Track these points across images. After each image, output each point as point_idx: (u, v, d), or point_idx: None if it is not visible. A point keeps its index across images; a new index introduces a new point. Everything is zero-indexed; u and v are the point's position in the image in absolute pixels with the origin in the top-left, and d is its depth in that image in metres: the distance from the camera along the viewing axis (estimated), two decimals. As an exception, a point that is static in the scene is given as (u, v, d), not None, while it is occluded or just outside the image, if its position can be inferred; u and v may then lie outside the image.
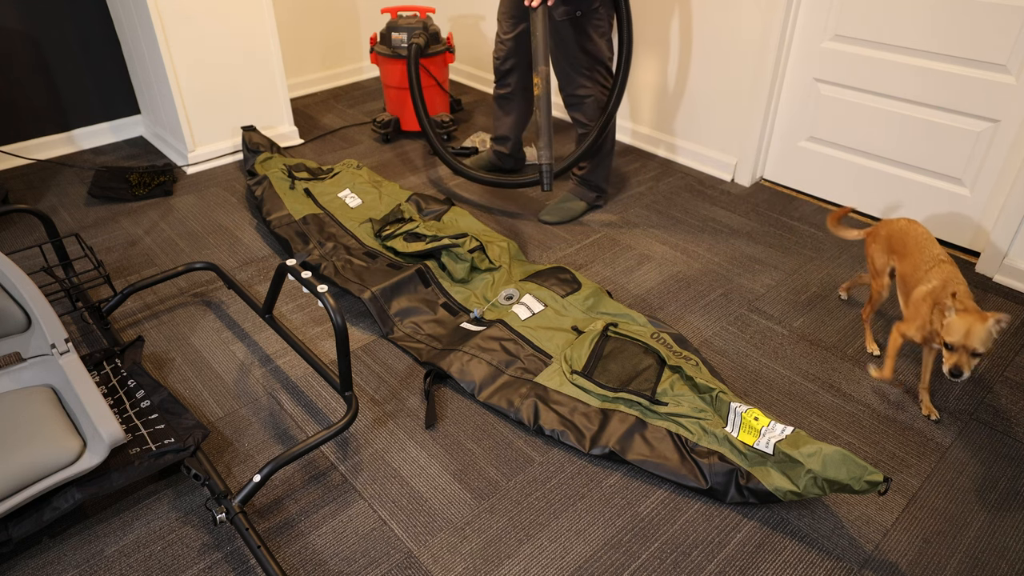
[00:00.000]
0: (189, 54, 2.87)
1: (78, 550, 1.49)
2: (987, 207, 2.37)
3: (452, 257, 2.26)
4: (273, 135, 3.26)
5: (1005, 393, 1.89)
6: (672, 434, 1.69)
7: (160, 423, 1.65)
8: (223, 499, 1.48)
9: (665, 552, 1.49)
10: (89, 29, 3.10)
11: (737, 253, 2.50)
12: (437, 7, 3.98)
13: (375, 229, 2.46)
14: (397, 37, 3.15)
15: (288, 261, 1.72)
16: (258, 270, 2.41)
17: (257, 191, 2.71)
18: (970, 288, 2.17)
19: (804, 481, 1.49)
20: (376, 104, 3.81)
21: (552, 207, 2.71)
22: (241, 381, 1.94)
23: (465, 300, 2.20)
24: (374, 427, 1.79)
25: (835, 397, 1.88)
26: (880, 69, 2.46)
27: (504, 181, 2.66)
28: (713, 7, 2.76)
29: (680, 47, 2.94)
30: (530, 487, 1.63)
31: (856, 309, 2.21)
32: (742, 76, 2.79)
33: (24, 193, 2.89)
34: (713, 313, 2.20)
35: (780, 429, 1.60)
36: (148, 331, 2.12)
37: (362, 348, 2.05)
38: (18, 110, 3.04)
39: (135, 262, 2.46)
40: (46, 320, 1.70)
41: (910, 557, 1.48)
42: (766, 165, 2.95)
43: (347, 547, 1.50)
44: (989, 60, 2.21)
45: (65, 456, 1.46)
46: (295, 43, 3.80)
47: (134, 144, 3.34)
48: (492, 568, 1.45)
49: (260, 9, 2.99)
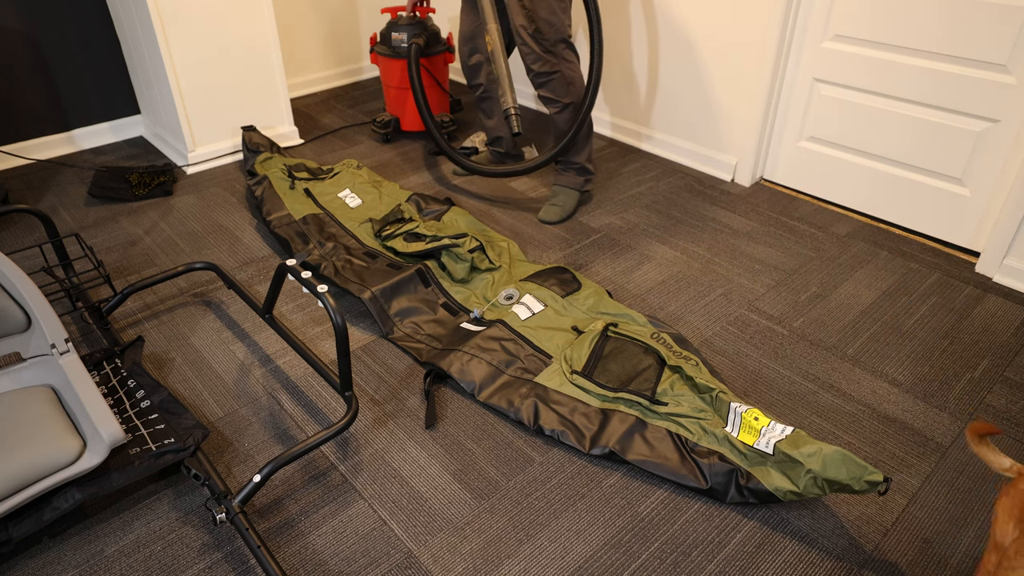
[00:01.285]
0: (189, 54, 2.87)
1: (78, 550, 1.49)
2: (987, 207, 2.37)
3: (452, 257, 2.26)
4: (273, 135, 3.26)
5: (1005, 393, 1.89)
6: (672, 434, 1.69)
7: (160, 423, 1.65)
8: (223, 499, 1.48)
9: (665, 552, 1.49)
10: (89, 29, 3.10)
11: (737, 253, 2.50)
12: (437, 7, 3.98)
13: (375, 229, 2.46)
14: (397, 37, 3.15)
15: (288, 261, 1.72)
16: (258, 270, 2.41)
17: (257, 191, 2.71)
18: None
19: (804, 481, 1.49)
20: (376, 104, 3.81)
21: (547, 207, 2.71)
22: (241, 381, 1.94)
23: (465, 300, 2.20)
24: (374, 427, 1.79)
25: (835, 397, 1.88)
26: (880, 69, 2.46)
27: (509, 170, 2.68)
28: (713, 7, 2.76)
29: (680, 47, 2.94)
30: (530, 487, 1.63)
31: (857, 304, 2.21)
32: (742, 76, 2.79)
33: (24, 193, 2.89)
34: (713, 313, 2.20)
35: (780, 429, 1.60)
36: (148, 331, 2.12)
37: (362, 348, 2.05)
38: (18, 110, 3.04)
39: (135, 262, 2.46)
40: (46, 320, 1.70)
41: (910, 557, 1.48)
42: (766, 165, 2.95)
43: (347, 547, 1.50)
44: (989, 60, 2.21)
45: (65, 456, 1.46)
46: (295, 43, 3.80)
47: (134, 144, 3.34)
48: (492, 568, 1.45)
49: (260, 9, 2.99)
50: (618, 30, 3.13)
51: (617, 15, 3.10)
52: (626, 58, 3.17)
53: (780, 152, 2.89)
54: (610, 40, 3.19)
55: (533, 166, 2.65)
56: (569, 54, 2.53)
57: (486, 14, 2.29)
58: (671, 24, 2.92)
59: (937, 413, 1.83)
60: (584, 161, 2.72)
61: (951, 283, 2.32)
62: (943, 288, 2.30)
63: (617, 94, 3.31)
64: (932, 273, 2.37)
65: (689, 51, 2.91)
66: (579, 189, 2.74)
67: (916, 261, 2.44)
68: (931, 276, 2.36)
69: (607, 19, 3.15)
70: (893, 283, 2.33)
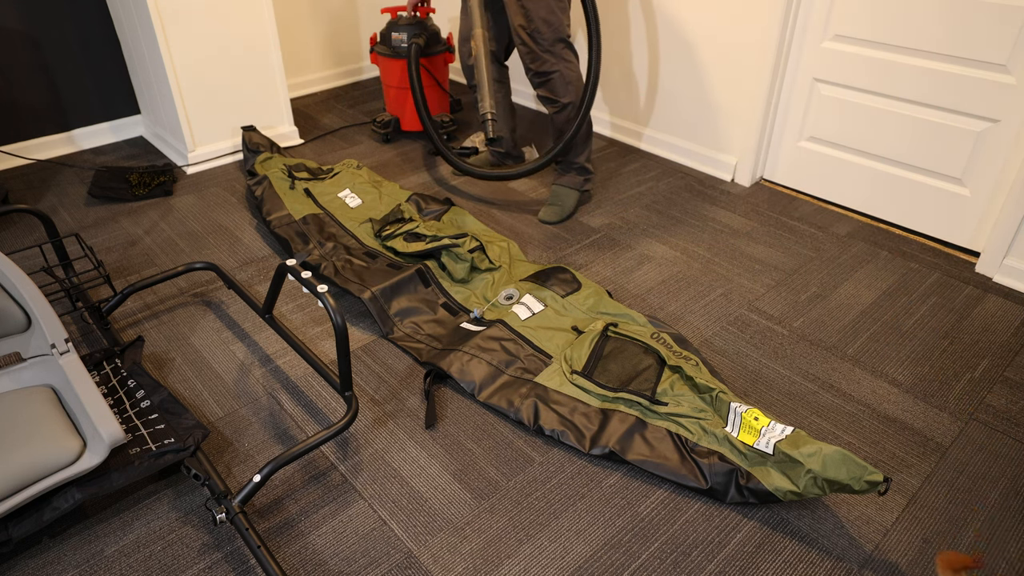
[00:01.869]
0: (189, 54, 2.87)
1: (78, 550, 1.49)
2: (987, 207, 2.37)
3: (452, 257, 2.26)
4: (273, 135, 3.26)
5: (1005, 393, 1.89)
6: (672, 434, 1.69)
7: (160, 423, 1.65)
8: (223, 499, 1.48)
9: (665, 552, 1.49)
10: (89, 29, 3.10)
11: (737, 253, 2.49)
12: (437, 7, 3.98)
13: (375, 229, 2.46)
14: (397, 37, 3.15)
15: (288, 261, 1.72)
16: (258, 270, 2.41)
17: (257, 191, 2.71)
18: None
19: (804, 481, 1.49)
20: (376, 104, 3.81)
21: (547, 207, 2.72)
22: (241, 381, 1.94)
23: (465, 300, 2.20)
24: (374, 427, 1.79)
25: (835, 397, 1.88)
26: (880, 69, 2.46)
27: (505, 173, 2.70)
28: (713, 7, 2.76)
29: (680, 47, 2.94)
30: (530, 487, 1.63)
31: (857, 304, 2.21)
32: (742, 76, 2.79)
33: (24, 193, 2.89)
34: (713, 313, 2.20)
35: (780, 429, 1.60)
36: (148, 331, 2.12)
37: (362, 348, 2.05)
38: (18, 110, 3.04)
39: (135, 262, 2.46)
40: (46, 320, 1.70)
41: (910, 557, 1.48)
42: (766, 165, 2.95)
43: (347, 547, 1.50)
44: (989, 60, 2.21)
45: (65, 456, 1.46)
46: (295, 43, 3.80)
47: (134, 144, 3.34)
48: (492, 568, 1.45)
49: (260, 9, 2.99)
50: (618, 29, 3.13)
51: (617, 14, 3.10)
52: (626, 58, 3.17)
53: (780, 152, 2.88)
54: (610, 39, 3.19)
55: (528, 169, 2.65)
56: (568, 53, 2.53)
57: (474, 17, 2.32)
58: (671, 24, 2.92)
59: (937, 413, 1.83)
60: (584, 161, 2.72)
61: (951, 283, 2.32)
62: (943, 288, 2.30)
63: (617, 94, 3.30)
64: (932, 273, 2.37)
65: (689, 51, 2.91)
66: (579, 189, 2.74)
67: (916, 261, 2.44)
68: (931, 276, 2.36)
69: (607, 18, 3.15)
70: (893, 283, 2.33)
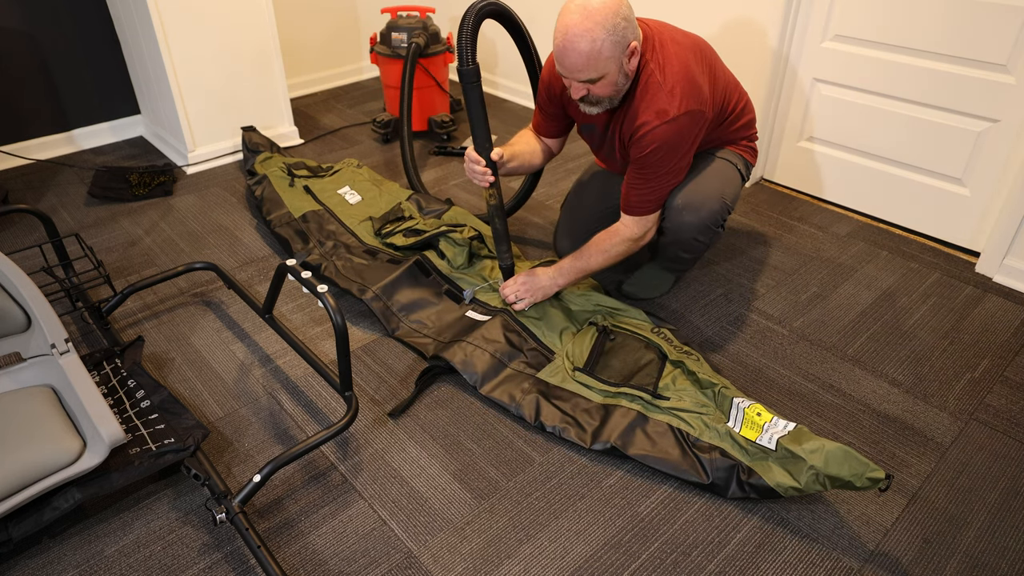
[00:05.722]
0: (189, 54, 2.87)
1: (78, 550, 1.49)
2: (987, 207, 2.37)
3: (450, 243, 2.26)
4: (273, 135, 3.26)
5: (1005, 393, 1.89)
6: (674, 429, 1.69)
7: (160, 423, 1.65)
8: (223, 499, 1.48)
9: (665, 552, 1.49)
10: (89, 29, 3.10)
11: (737, 253, 2.49)
12: (437, 7, 3.98)
13: (375, 227, 2.46)
14: (397, 37, 3.15)
15: (288, 261, 1.72)
16: (258, 270, 2.41)
17: (257, 191, 2.71)
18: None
19: (806, 477, 1.49)
20: (376, 104, 3.81)
21: (637, 278, 2.25)
22: (241, 381, 1.94)
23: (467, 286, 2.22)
24: (374, 427, 1.79)
25: (835, 397, 1.88)
26: (880, 69, 2.46)
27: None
28: (713, 7, 2.76)
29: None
30: (530, 487, 1.63)
31: (857, 304, 2.21)
32: (743, 76, 2.78)
33: (24, 193, 2.89)
34: (713, 313, 2.20)
35: (783, 425, 1.60)
36: (148, 331, 2.12)
37: (362, 348, 2.05)
38: (18, 110, 3.04)
39: (135, 262, 2.46)
40: (46, 320, 1.70)
41: (910, 557, 1.48)
42: (766, 165, 2.95)
43: (347, 547, 1.50)
44: (989, 60, 2.21)
45: (65, 456, 1.46)
46: (295, 43, 3.80)
47: (134, 144, 3.34)
48: (492, 568, 1.45)
49: (260, 9, 2.99)
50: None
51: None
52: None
53: (780, 152, 2.88)
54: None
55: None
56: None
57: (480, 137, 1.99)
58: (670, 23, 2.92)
59: (937, 413, 1.83)
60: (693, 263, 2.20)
61: (951, 283, 2.32)
62: (943, 288, 2.30)
63: (617, 94, 3.30)
64: (932, 273, 2.37)
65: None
66: (677, 274, 2.28)
67: (916, 261, 2.44)
68: (931, 276, 2.36)
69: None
70: (893, 283, 2.33)
